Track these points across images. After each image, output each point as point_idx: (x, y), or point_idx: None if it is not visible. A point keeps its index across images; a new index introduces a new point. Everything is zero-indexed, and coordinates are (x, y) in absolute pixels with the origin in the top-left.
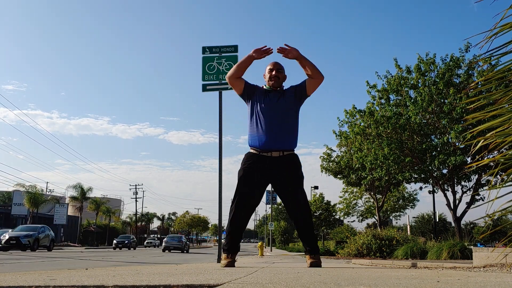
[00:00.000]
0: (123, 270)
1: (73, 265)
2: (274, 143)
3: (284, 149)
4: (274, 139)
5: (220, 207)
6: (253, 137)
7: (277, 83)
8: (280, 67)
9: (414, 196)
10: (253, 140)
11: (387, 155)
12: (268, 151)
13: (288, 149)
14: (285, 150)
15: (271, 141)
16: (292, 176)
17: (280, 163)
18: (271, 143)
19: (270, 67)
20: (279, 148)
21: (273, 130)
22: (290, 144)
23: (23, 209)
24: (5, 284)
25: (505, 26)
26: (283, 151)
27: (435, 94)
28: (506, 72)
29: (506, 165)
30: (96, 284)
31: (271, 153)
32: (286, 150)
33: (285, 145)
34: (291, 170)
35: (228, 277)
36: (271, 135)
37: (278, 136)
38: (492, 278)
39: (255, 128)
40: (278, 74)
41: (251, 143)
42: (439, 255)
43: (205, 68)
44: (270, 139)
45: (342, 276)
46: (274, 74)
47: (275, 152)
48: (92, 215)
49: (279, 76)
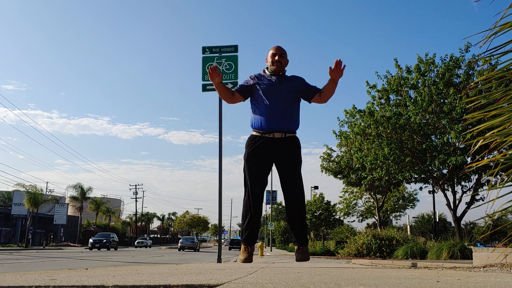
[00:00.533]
0: (123, 270)
1: (73, 265)
2: (276, 124)
3: (286, 131)
4: (276, 120)
5: (220, 207)
6: (256, 119)
7: (279, 68)
8: (283, 52)
9: (414, 196)
10: (255, 122)
11: (387, 155)
12: (270, 132)
13: (290, 130)
14: (287, 131)
15: (273, 122)
16: (291, 159)
17: (282, 145)
18: (273, 124)
19: (273, 52)
20: (281, 129)
21: (275, 112)
22: (292, 126)
23: (23, 209)
24: (5, 284)
25: (505, 25)
26: (285, 132)
27: (435, 94)
28: (505, 72)
29: (506, 165)
30: (96, 284)
31: (273, 134)
32: (288, 132)
33: (287, 127)
34: (292, 153)
35: (228, 277)
36: (273, 117)
37: (280, 118)
38: (492, 278)
39: (257, 110)
40: (281, 59)
41: (254, 125)
42: (439, 255)
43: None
44: (272, 120)
45: (342, 276)
46: (276, 59)
47: (277, 133)
48: (92, 215)
49: (282, 61)
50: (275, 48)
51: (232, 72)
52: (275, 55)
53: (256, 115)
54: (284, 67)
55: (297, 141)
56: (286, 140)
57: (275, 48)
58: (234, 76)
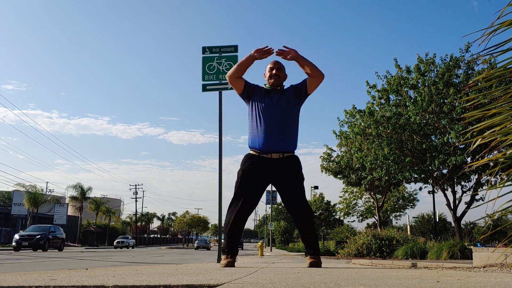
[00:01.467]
0: (123, 270)
1: (73, 265)
2: (274, 144)
3: (284, 151)
4: (274, 140)
5: (220, 207)
6: (253, 138)
7: (277, 82)
8: (281, 66)
9: (414, 196)
10: (253, 141)
11: (387, 155)
12: (268, 153)
13: (288, 150)
14: (285, 151)
15: (271, 142)
16: (292, 178)
17: (280, 165)
18: (271, 144)
19: (271, 66)
20: (279, 149)
21: (273, 131)
22: (290, 146)
23: (23, 209)
24: (5, 284)
25: (503, 23)
26: (283, 152)
27: (435, 94)
28: (505, 70)
29: (505, 165)
30: (96, 284)
31: (271, 154)
32: (286, 152)
33: (285, 147)
34: (292, 172)
35: (228, 277)
36: (271, 136)
37: (278, 137)
38: (492, 278)
39: (255, 129)
40: (279, 72)
41: (251, 144)
42: (439, 255)
43: (205, 68)
44: (270, 140)
45: (342, 276)
46: (274, 73)
47: (275, 153)
48: (92, 215)
49: (280, 74)
50: (273, 63)
51: None
52: (273, 69)
53: (254, 134)
54: (282, 81)
55: (296, 160)
56: (284, 160)
57: (272, 62)
58: None
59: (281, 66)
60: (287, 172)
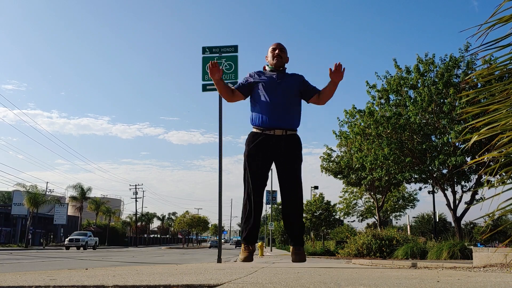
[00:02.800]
0: (123, 270)
1: (73, 265)
2: (276, 121)
3: (286, 128)
4: (276, 117)
5: (220, 207)
6: (256, 115)
7: (280, 63)
8: (283, 48)
9: (414, 196)
10: (255, 119)
11: (387, 155)
12: (271, 129)
13: (291, 128)
14: (287, 129)
15: (274, 119)
16: (291, 157)
17: (283, 142)
18: (274, 121)
19: (273, 47)
20: (281, 126)
21: (276, 108)
22: (293, 123)
23: (23, 209)
24: (5, 284)
25: (501, 19)
26: (286, 130)
27: (435, 94)
28: (504, 66)
29: (503, 162)
30: (96, 284)
31: (274, 131)
32: (288, 129)
33: (287, 124)
34: (292, 151)
35: (228, 277)
36: (274, 113)
37: (281, 114)
38: (492, 278)
39: (257, 107)
40: (281, 53)
41: (254, 122)
42: (439, 255)
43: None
44: (272, 117)
45: (342, 276)
46: (277, 53)
47: (278, 130)
48: (92, 215)
49: (282, 55)
50: (276, 44)
51: (232, 72)
52: (275, 50)
53: (256, 111)
54: (285, 63)
55: (298, 139)
56: (287, 138)
57: (275, 44)
58: (234, 76)
59: (283, 48)
60: (288, 150)
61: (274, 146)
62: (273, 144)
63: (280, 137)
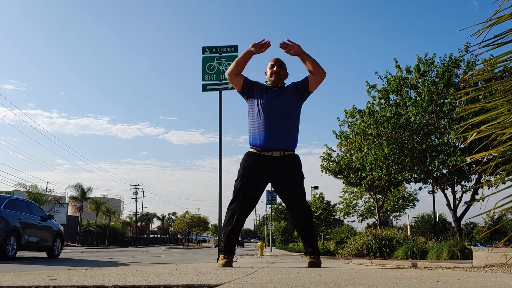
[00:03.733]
0: (123, 270)
1: (73, 265)
2: (274, 142)
3: (284, 149)
4: (274, 138)
5: (220, 207)
6: (254, 135)
7: (278, 80)
8: (282, 63)
9: (414, 196)
10: (253, 139)
11: (387, 155)
12: (268, 151)
13: (289, 148)
14: (285, 150)
15: (272, 140)
16: (292, 177)
17: (281, 164)
18: (272, 142)
19: (272, 63)
20: (279, 147)
21: (274, 129)
22: (291, 144)
23: None
24: (5, 284)
25: (501, 18)
26: (283, 151)
27: (435, 94)
28: (503, 63)
29: (502, 160)
30: (96, 284)
31: (271, 152)
32: (286, 150)
33: (285, 145)
34: (292, 171)
35: (228, 277)
36: (272, 134)
37: (279, 135)
38: (492, 278)
39: (255, 126)
40: (279, 70)
41: (251, 142)
42: (439, 255)
43: (205, 68)
44: (270, 138)
45: (342, 276)
46: (275, 70)
47: (276, 151)
48: (92, 215)
49: (280, 72)
50: (274, 60)
51: None
52: (274, 66)
53: (254, 132)
54: (283, 79)
55: (297, 159)
56: (285, 159)
57: (274, 60)
58: None
59: (282, 63)
60: (287, 171)
61: (272, 166)
62: (270, 165)
63: (278, 158)
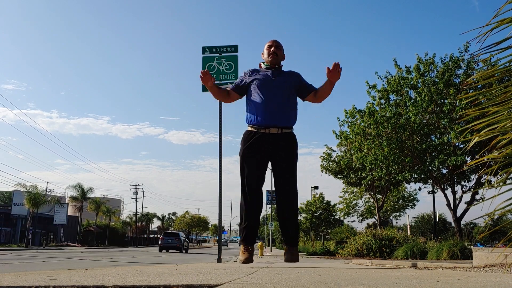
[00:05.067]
0: (123, 270)
1: (73, 265)
2: (272, 119)
3: (282, 126)
4: (272, 115)
5: (220, 207)
6: (251, 114)
7: (275, 60)
8: (279, 45)
9: (414, 196)
10: (250, 118)
11: (387, 155)
12: (266, 128)
13: (287, 126)
14: (283, 127)
15: (269, 117)
16: (288, 156)
17: (278, 141)
18: (269, 119)
19: (269, 44)
20: (277, 124)
21: (271, 106)
22: (288, 121)
23: (23, 209)
24: (5, 284)
25: (502, 21)
26: (281, 128)
27: (435, 94)
28: (504, 68)
29: (503, 163)
30: (96, 284)
31: (269, 129)
32: (284, 128)
33: (283, 122)
34: (288, 149)
35: (228, 277)
36: (269, 111)
37: (276, 112)
38: (492, 278)
39: (252, 105)
40: (277, 50)
41: (249, 121)
42: (439, 255)
43: (205, 68)
44: (267, 115)
45: (342, 276)
46: (272, 50)
47: (273, 129)
48: (92, 215)
49: (278, 52)
50: (271, 41)
51: (232, 72)
52: (271, 47)
53: (252, 110)
54: (280, 60)
55: (293, 137)
56: (283, 136)
57: (271, 41)
58: (234, 76)
59: (279, 45)
60: (284, 148)
61: (270, 144)
62: (269, 142)
63: (276, 135)
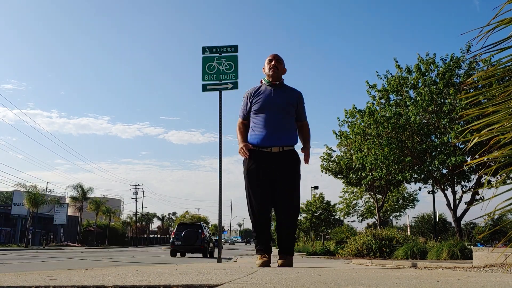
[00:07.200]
0: (123, 270)
1: (73, 265)
2: (273, 139)
3: (283, 145)
4: (273, 135)
5: (220, 207)
6: (252, 133)
7: (276, 74)
8: (279, 59)
9: (414, 196)
10: (252, 137)
11: (387, 155)
12: (267, 147)
13: (288, 144)
14: (284, 145)
15: (270, 137)
16: (289, 174)
17: (280, 159)
18: (270, 139)
19: (270, 58)
20: (278, 144)
21: (272, 126)
22: (290, 140)
23: (23, 209)
24: (5, 284)
25: (502, 21)
26: (283, 146)
27: (435, 94)
28: (503, 68)
29: (502, 163)
30: (96, 284)
31: (270, 148)
32: (286, 146)
33: (284, 141)
34: (289, 167)
35: (228, 277)
36: (271, 131)
37: (278, 132)
38: (492, 278)
39: (254, 124)
40: (278, 65)
41: (250, 140)
42: (439, 255)
43: (205, 68)
44: (269, 134)
45: (342, 276)
46: (273, 65)
47: (275, 147)
48: (92, 215)
49: (279, 67)
50: (272, 55)
51: (232, 72)
52: (272, 61)
53: (253, 129)
54: (281, 75)
55: (295, 155)
56: (284, 154)
57: (272, 55)
58: (234, 76)
59: (280, 59)
60: (285, 167)
61: (272, 162)
62: (270, 160)
63: (278, 154)
